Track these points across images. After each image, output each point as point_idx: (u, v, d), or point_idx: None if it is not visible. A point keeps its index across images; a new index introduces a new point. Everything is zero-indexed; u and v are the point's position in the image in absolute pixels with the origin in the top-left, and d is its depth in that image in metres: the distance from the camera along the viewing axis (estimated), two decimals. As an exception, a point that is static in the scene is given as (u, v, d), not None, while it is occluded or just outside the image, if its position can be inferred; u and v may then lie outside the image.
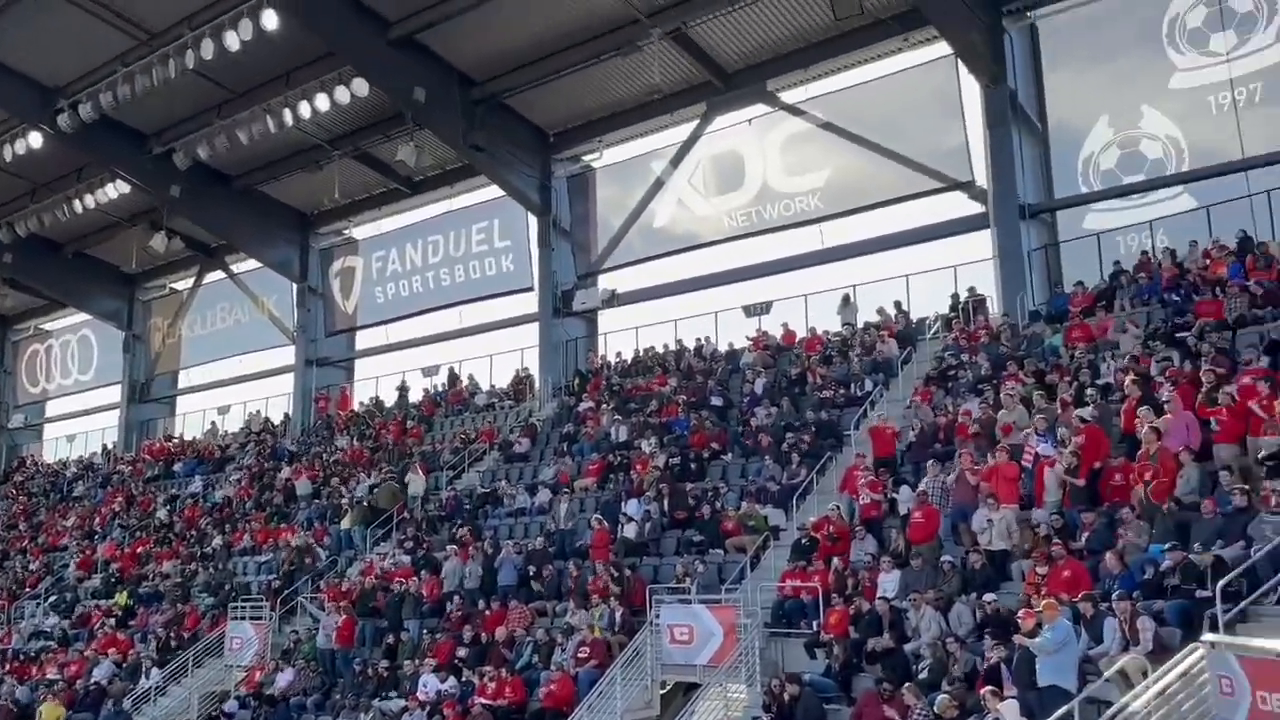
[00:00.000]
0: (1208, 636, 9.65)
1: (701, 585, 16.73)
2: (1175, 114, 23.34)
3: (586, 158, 32.30)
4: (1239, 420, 13.42)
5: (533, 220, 32.36)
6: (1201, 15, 23.04)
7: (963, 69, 24.76)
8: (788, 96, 28.28)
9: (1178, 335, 17.09)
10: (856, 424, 19.87)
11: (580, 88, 29.78)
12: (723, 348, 27.40)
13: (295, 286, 37.86)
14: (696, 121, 29.81)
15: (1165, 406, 14.20)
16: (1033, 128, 24.67)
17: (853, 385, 21.85)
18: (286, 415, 37.24)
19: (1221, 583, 10.52)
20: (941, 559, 14.55)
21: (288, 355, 38.63)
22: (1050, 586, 12.42)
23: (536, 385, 30.85)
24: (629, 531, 19.59)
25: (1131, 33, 24.00)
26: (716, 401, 23.76)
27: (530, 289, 32.48)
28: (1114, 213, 24.19)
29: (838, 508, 16.78)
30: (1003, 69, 24.10)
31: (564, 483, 22.91)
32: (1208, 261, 19.67)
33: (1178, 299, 18.86)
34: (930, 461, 16.55)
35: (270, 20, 25.21)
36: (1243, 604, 10.70)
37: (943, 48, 25.02)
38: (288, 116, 28.77)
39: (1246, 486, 12.23)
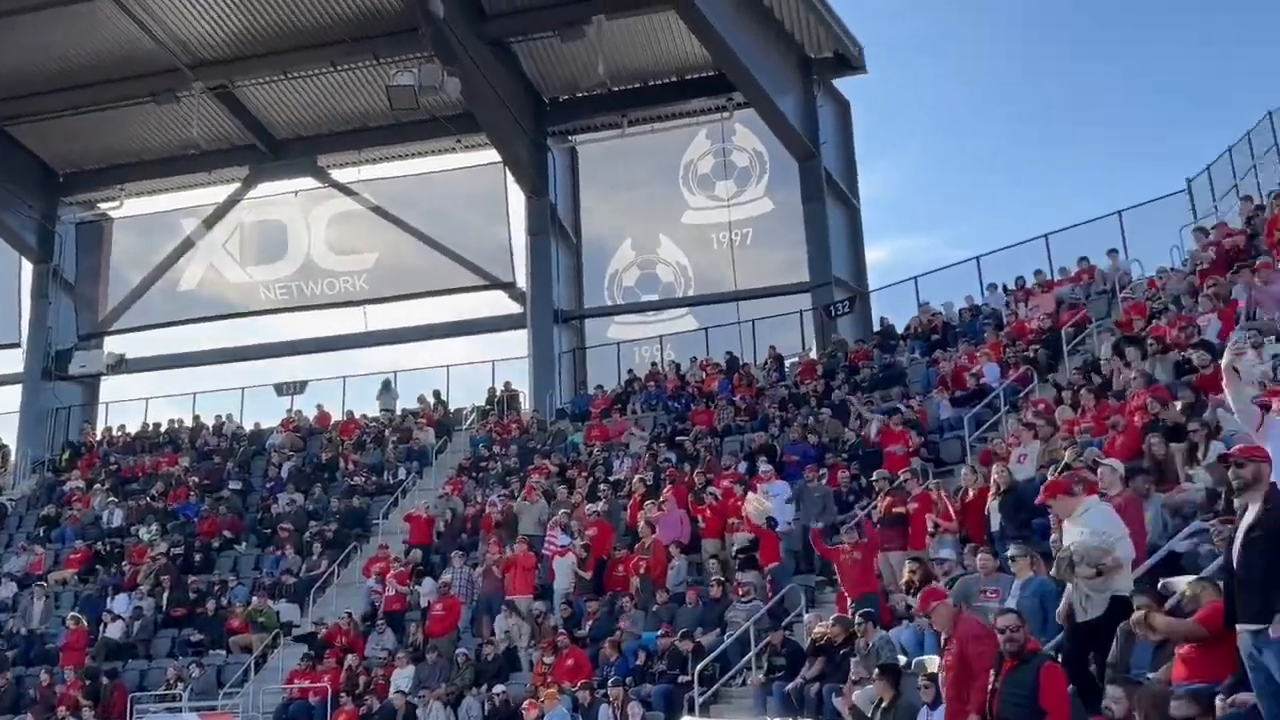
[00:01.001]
0: (686, 718, 10.61)
1: (196, 690, 15.12)
2: (686, 245, 26.64)
3: (104, 205, 29.00)
4: (720, 517, 15.21)
5: (27, 266, 28.11)
6: (710, 164, 26.71)
7: (510, 177, 26.18)
8: (339, 174, 27.86)
9: (677, 439, 19.13)
10: (386, 513, 19.51)
11: (104, 128, 26.80)
12: (248, 426, 25.59)
13: None
14: (238, 184, 28.17)
15: (662, 505, 15.70)
16: (569, 240, 26.66)
17: (386, 472, 21.50)
18: None
19: (699, 666, 11.70)
20: (457, 651, 14.58)
21: None
22: (556, 675, 12.96)
23: (12, 458, 26.38)
24: (114, 631, 17.22)
25: (655, 169, 27.14)
26: (235, 485, 22.02)
27: (16, 345, 28.00)
28: (633, 325, 26.83)
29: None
30: (545, 182, 25.88)
31: (35, 573, 19.66)
32: (704, 375, 22.41)
33: (679, 406, 21.19)
34: (455, 552, 16.67)
35: None
36: (715, 686, 11.98)
37: (493, 154, 26.29)
38: None
39: (723, 578, 13.83)
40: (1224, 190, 20.37)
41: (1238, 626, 5.25)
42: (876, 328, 22.87)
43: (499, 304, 26.98)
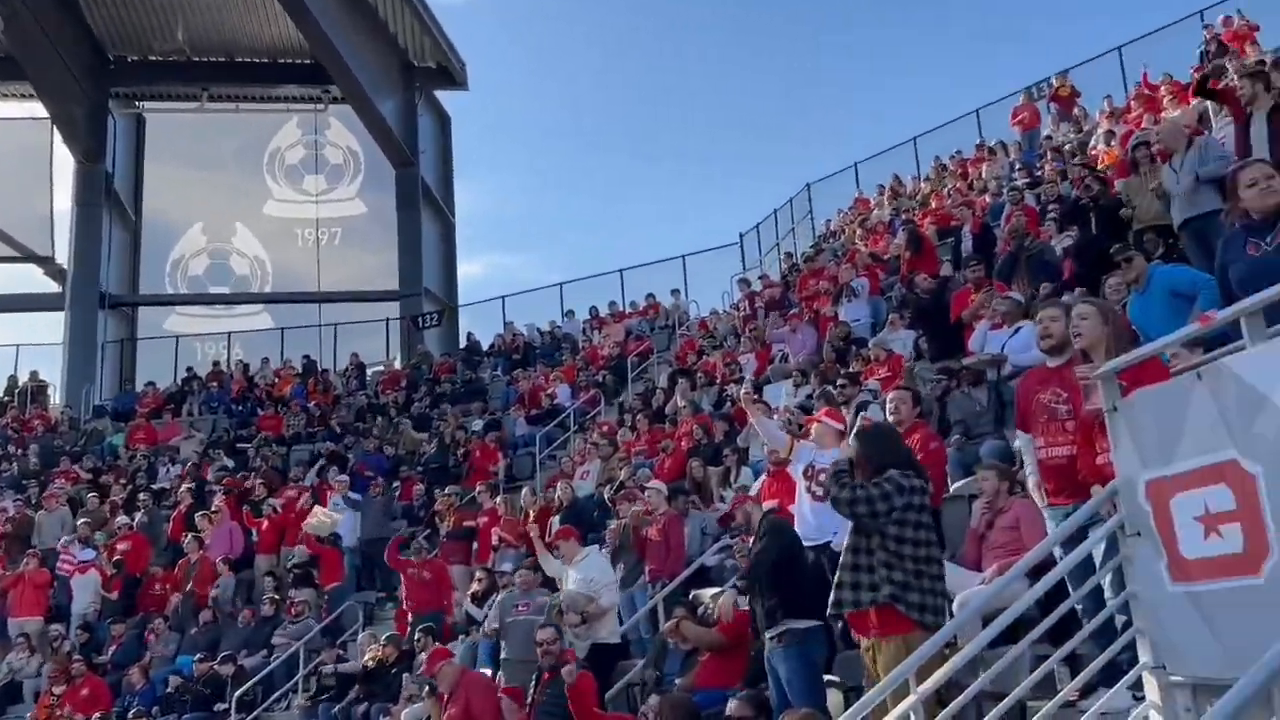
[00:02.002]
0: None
1: None
2: (266, 237, 24.99)
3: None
4: (276, 530, 14.24)
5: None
6: (300, 154, 25.35)
7: (58, 137, 22.87)
8: None
9: (238, 445, 17.72)
10: None
11: None
12: None
13: None
14: None
15: (213, 516, 14.39)
16: (126, 216, 23.84)
17: None
18: None
19: (238, 692, 10.81)
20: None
21: None
22: (67, 706, 11.31)
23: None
24: None
25: (237, 152, 25.20)
26: None
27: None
28: (197, 318, 24.56)
29: None
30: (101, 148, 22.95)
31: None
32: (276, 379, 21.04)
33: (244, 410, 19.68)
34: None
35: None
36: (256, 712, 11.13)
37: (40, 108, 22.81)
38: None
39: (277, 596, 12.94)
40: (769, 246, 23.26)
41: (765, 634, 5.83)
42: (464, 342, 23.00)
43: (33, 280, 23.41)
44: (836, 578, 4.71)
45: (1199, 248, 7.57)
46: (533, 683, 6.88)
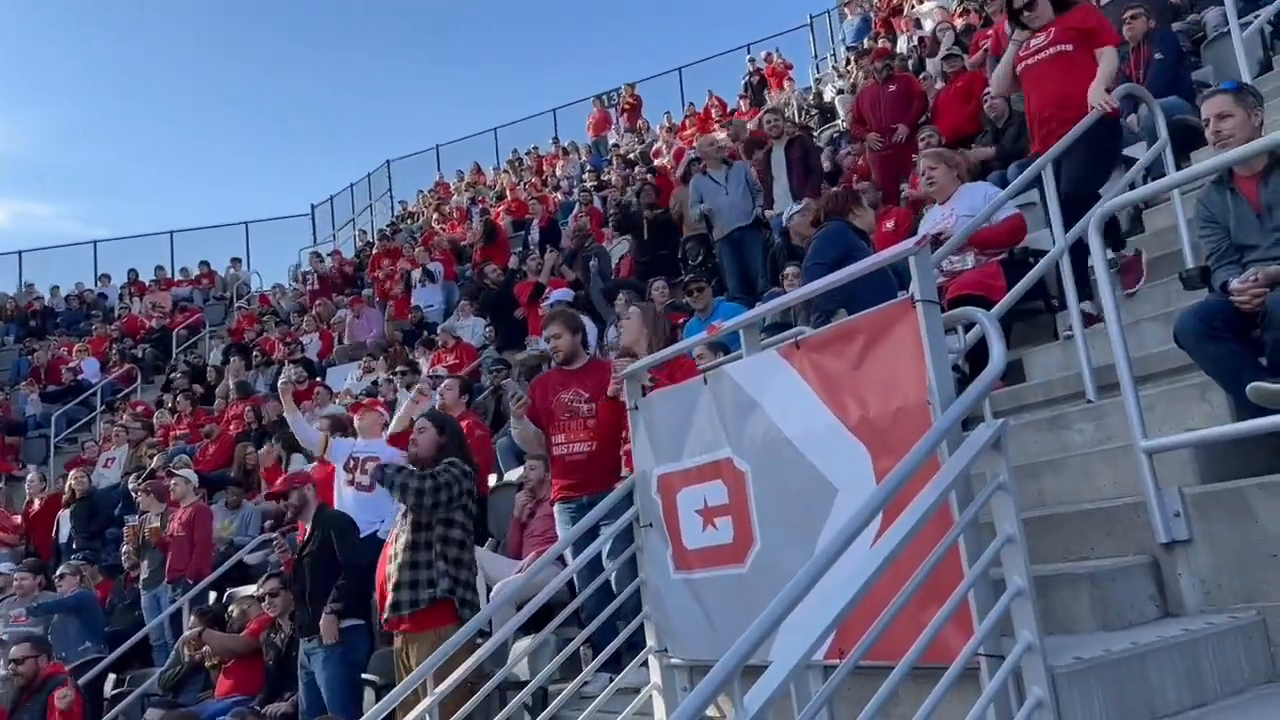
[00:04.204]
0: None
1: None
2: None
3: None
4: None
5: None
6: None
7: None
8: None
9: None
10: None
11: None
12: None
13: None
14: None
15: None
16: None
17: None
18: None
19: None
20: None
21: None
22: None
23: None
24: None
25: None
26: None
27: None
28: None
29: None
30: None
31: None
32: None
33: None
34: None
35: None
36: None
37: None
38: None
39: None
40: (343, 221, 22.34)
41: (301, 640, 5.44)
42: (-38, 302, 19.35)
43: None
44: (394, 579, 4.60)
45: (734, 257, 8.47)
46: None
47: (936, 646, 2.29)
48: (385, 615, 4.70)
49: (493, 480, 7.39)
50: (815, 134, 11.59)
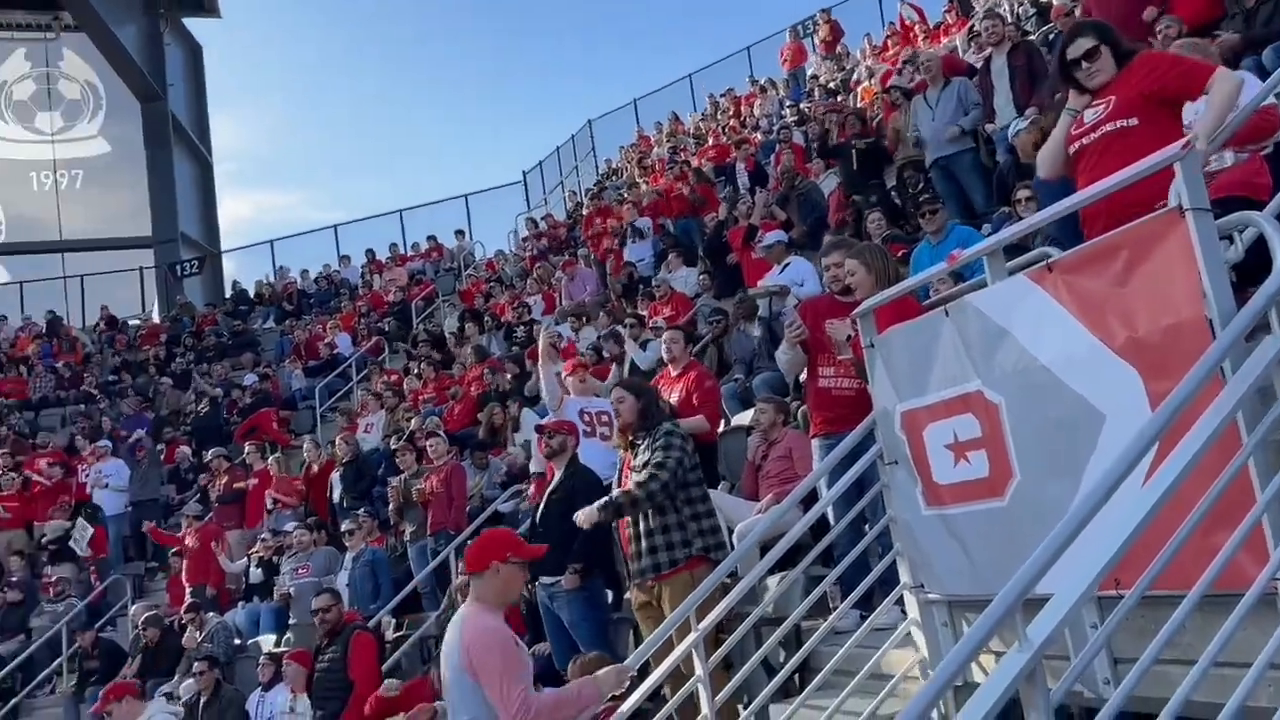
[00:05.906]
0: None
1: None
2: (-1, 183, 22.40)
3: None
4: (29, 504, 12.94)
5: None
6: (31, 90, 22.75)
7: None
8: None
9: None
10: None
11: None
12: None
13: None
14: None
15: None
16: None
17: None
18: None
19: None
20: None
21: None
22: None
23: None
24: None
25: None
26: None
27: None
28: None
29: None
30: None
31: None
32: (16, 339, 19.05)
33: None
34: None
35: None
36: (16, 699, 10.27)
37: None
38: None
39: (30, 575, 11.83)
40: (553, 185, 23.05)
41: (539, 579, 5.78)
42: (229, 291, 21.54)
43: None
44: (646, 542, 4.76)
45: (946, 183, 8.14)
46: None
47: (1229, 573, 2.19)
48: (635, 579, 4.89)
49: (721, 426, 7.50)
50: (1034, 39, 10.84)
